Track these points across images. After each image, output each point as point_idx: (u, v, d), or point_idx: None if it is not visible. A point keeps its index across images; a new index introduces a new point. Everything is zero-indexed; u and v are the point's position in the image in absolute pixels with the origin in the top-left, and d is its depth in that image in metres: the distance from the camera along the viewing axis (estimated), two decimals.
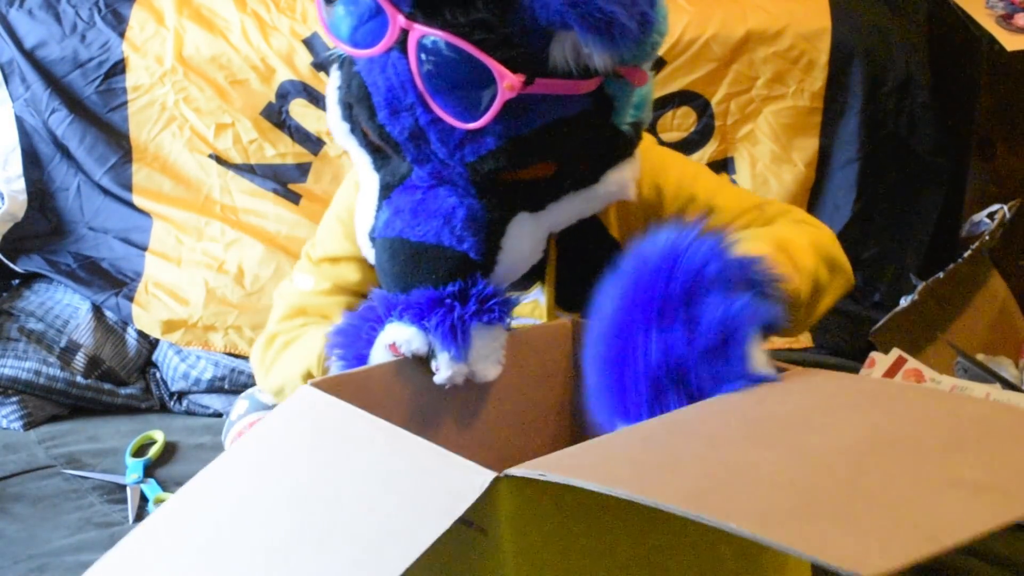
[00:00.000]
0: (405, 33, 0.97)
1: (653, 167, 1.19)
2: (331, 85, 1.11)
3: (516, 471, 0.71)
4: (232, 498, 0.83)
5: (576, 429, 1.14)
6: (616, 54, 0.96)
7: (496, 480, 0.71)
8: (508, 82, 0.96)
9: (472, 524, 0.75)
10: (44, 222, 1.80)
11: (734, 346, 0.88)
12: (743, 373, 0.87)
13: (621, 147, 1.10)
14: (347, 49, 1.03)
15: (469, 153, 1.03)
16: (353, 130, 1.10)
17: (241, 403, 1.36)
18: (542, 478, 0.70)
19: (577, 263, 1.15)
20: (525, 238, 1.06)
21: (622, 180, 1.10)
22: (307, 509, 0.78)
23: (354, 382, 1.00)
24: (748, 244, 0.98)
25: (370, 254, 1.11)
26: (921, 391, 0.90)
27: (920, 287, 1.64)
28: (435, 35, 0.95)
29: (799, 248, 1.07)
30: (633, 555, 0.81)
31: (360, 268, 1.22)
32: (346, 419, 0.87)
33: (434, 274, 1.03)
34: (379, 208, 1.10)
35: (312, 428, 0.89)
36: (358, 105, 1.06)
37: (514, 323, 1.08)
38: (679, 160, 1.29)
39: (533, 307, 1.19)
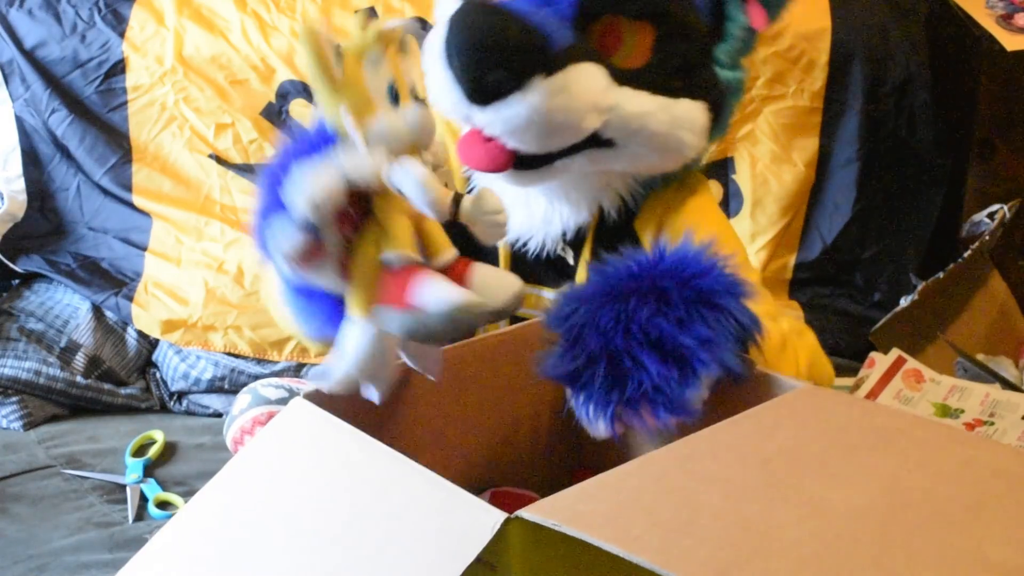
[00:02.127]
0: None
1: (696, 223, 1.19)
2: None
3: (528, 515, 0.70)
4: (236, 532, 0.82)
5: (556, 430, 1.13)
6: None
7: (507, 521, 0.70)
8: None
9: (481, 560, 0.74)
10: (44, 222, 1.80)
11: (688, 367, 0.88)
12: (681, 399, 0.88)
13: (708, 81, 1.12)
14: None
15: None
16: None
17: (243, 397, 1.36)
18: (558, 529, 0.68)
19: None
20: (593, 87, 1.04)
21: (692, 117, 1.11)
22: (316, 548, 0.77)
23: (347, 390, 0.99)
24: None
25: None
26: (935, 429, 0.88)
27: (920, 287, 1.64)
28: None
29: (798, 356, 1.11)
30: None
31: None
32: (343, 442, 0.86)
33: (501, 22, 1.00)
34: None
35: (309, 453, 0.88)
36: None
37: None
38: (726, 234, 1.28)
39: (537, 300, 1.19)
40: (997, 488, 0.76)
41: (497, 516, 0.70)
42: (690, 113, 1.11)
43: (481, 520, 0.70)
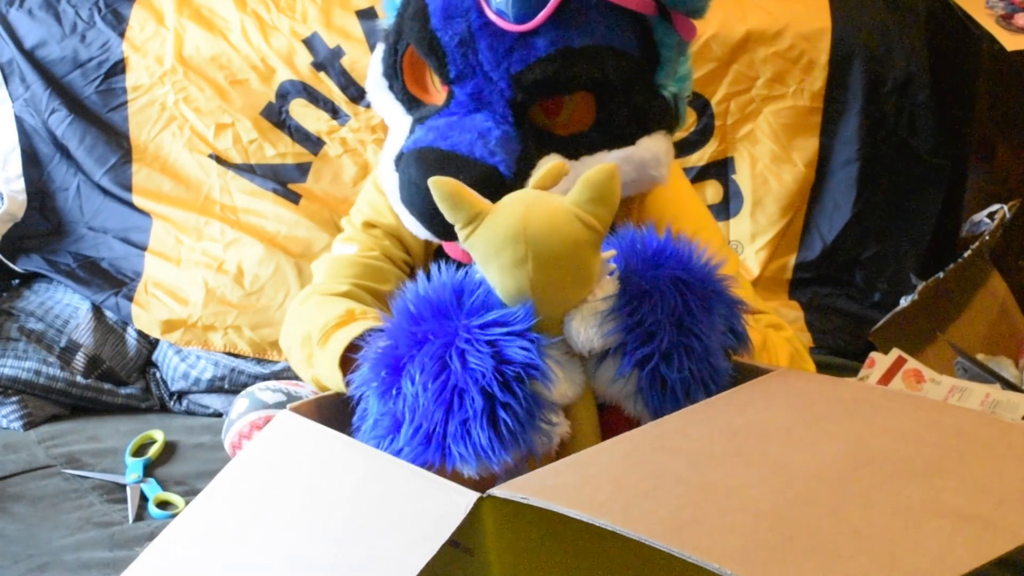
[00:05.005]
0: None
1: (676, 214, 1.19)
2: (375, 54, 1.15)
3: (499, 492, 0.71)
4: (220, 536, 0.84)
5: None
6: None
7: (480, 501, 0.71)
8: None
9: (458, 544, 0.75)
10: (44, 222, 1.80)
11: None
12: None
13: (658, 112, 1.11)
14: None
15: (517, 61, 1.03)
16: (391, 86, 1.12)
17: (241, 401, 1.36)
18: (525, 502, 0.70)
19: None
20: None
21: (656, 151, 1.10)
22: (297, 541, 0.78)
23: (332, 404, 1.00)
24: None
25: (392, 185, 1.10)
26: (902, 399, 0.90)
27: (920, 287, 1.64)
28: None
29: (778, 353, 1.12)
30: (620, 569, 0.81)
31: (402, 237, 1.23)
32: (326, 445, 0.87)
33: (459, 177, 0.99)
34: (411, 133, 1.10)
35: (295, 456, 0.89)
36: (411, 21, 1.07)
37: None
38: (706, 222, 1.29)
39: None
40: (959, 446, 0.77)
41: (470, 497, 0.71)
42: (652, 149, 1.10)
43: (456, 502, 0.72)
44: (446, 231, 0.98)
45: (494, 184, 1.02)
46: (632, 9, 1.04)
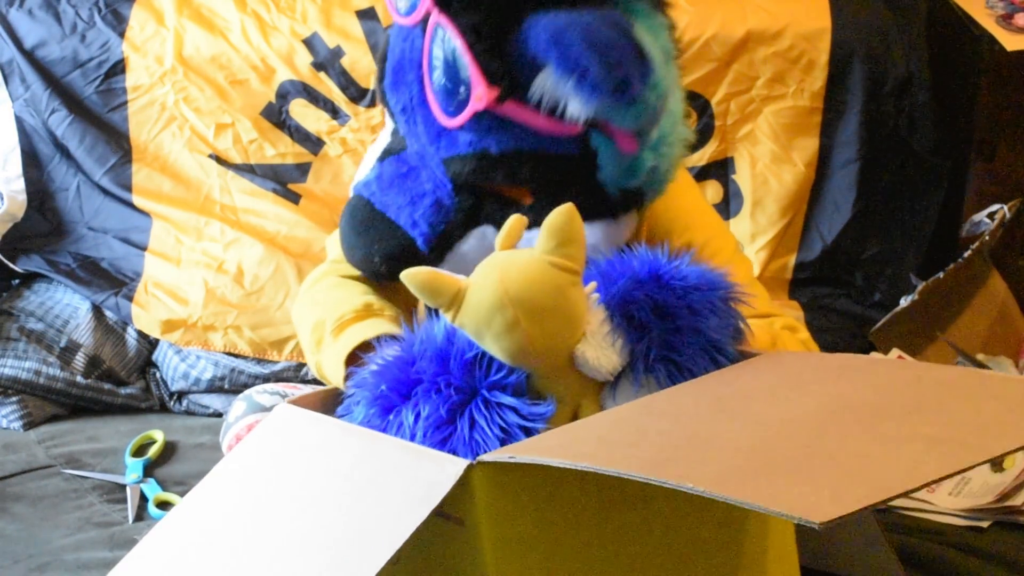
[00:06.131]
0: (429, 15, 1.00)
1: (687, 225, 1.18)
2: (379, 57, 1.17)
3: (488, 457, 0.73)
4: (217, 520, 0.85)
5: None
6: (589, 107, 0.95)
7: (469, 468, 0.72)
8: (480, 91, 0.97)
9: (449, 516, 0.76)
10: (44, 222, 1.80)
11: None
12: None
13: (600, 206, 1.07)
14: (391, 9, 1.07)
15: (444, 148, 1.05)
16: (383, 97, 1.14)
17: (239, 405, 1.36)
18: (512, 460, 0.71)
19: None
20: (483, 254, 1.00)
21: (594, 240, 1.05)
22: (290, 519, 0.79)
23: (331, 398, 1.01)
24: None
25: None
26: (889, 363, 0.92)
27: (920, 287, 1.64)
28: (445, 25, 0.98)
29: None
30: (611, 539, 0.82)
31: None
32: (322, 428, 0.88)
33: (375, 245, 1.04)
34: (374, 166, 1.12)
35: (290, 441, 0.90)
36: (378, 64, 1.11)
37: None
38: (717, 231, 1.26)
39: None
40: (939, 393, 0.78)
41: (460, 465, 0.73)
42: (590, 239, 1.02)
43: (446, 471, 0.73)
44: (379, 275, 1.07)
45: (407, 257, 1.03)
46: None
